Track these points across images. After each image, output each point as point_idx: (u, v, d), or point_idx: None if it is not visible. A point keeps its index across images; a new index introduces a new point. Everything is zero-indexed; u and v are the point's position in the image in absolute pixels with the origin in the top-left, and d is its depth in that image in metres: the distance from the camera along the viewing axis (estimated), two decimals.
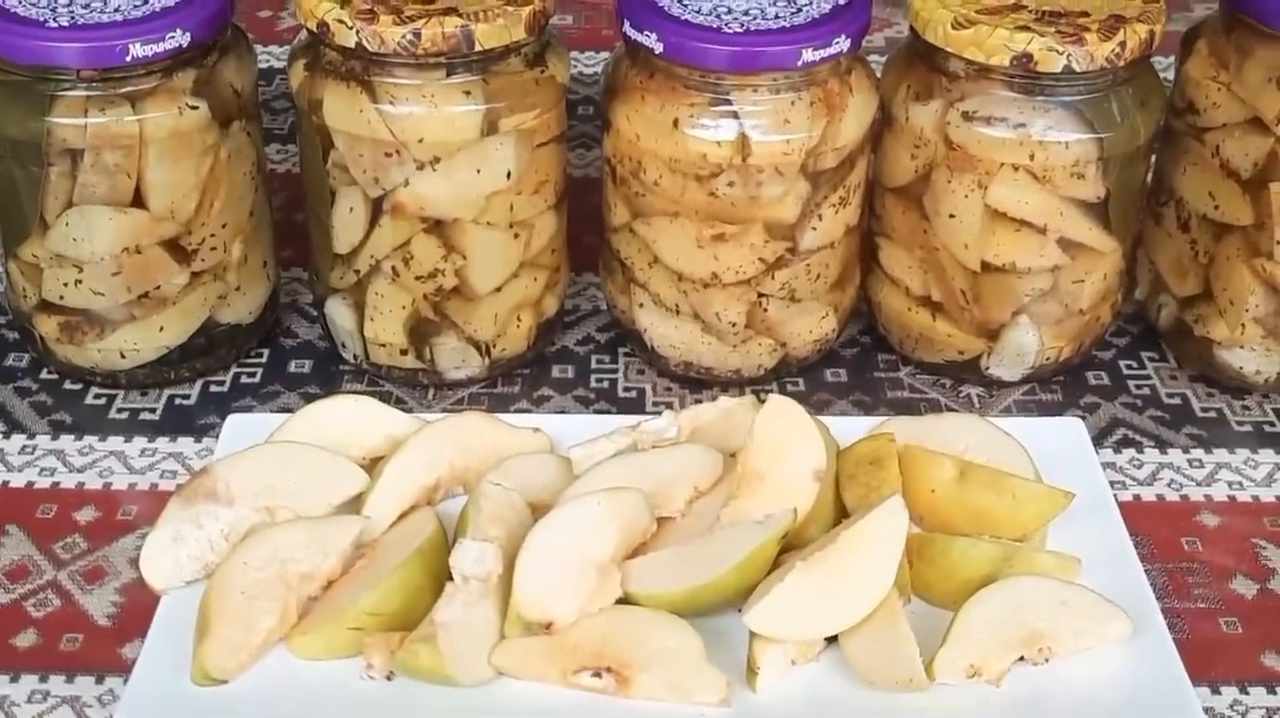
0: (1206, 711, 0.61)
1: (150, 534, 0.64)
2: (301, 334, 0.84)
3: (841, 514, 0.67)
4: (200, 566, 0.64)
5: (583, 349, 0.83)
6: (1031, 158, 0.72)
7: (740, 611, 0.61)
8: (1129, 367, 0.82)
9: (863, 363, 0.83)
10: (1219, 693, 0.62)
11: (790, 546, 0.63)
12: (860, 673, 0.60)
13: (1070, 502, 0.66)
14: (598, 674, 0.59)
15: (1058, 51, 0.70)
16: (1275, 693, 0.62)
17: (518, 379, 0.81)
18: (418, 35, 0.68)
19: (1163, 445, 0.76)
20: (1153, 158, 0.78)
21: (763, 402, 0.69)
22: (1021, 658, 0.60)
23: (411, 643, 0.58)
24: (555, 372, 0.81)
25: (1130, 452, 0.76)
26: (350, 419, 0.70)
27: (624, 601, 0.62)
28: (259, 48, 1.15)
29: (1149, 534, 0.70)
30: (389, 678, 0.60)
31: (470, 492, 0.68)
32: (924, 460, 0.68)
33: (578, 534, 0.62)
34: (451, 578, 0.61)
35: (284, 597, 0.62)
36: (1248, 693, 0.62)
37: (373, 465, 0.69)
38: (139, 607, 0.65)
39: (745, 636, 0.60)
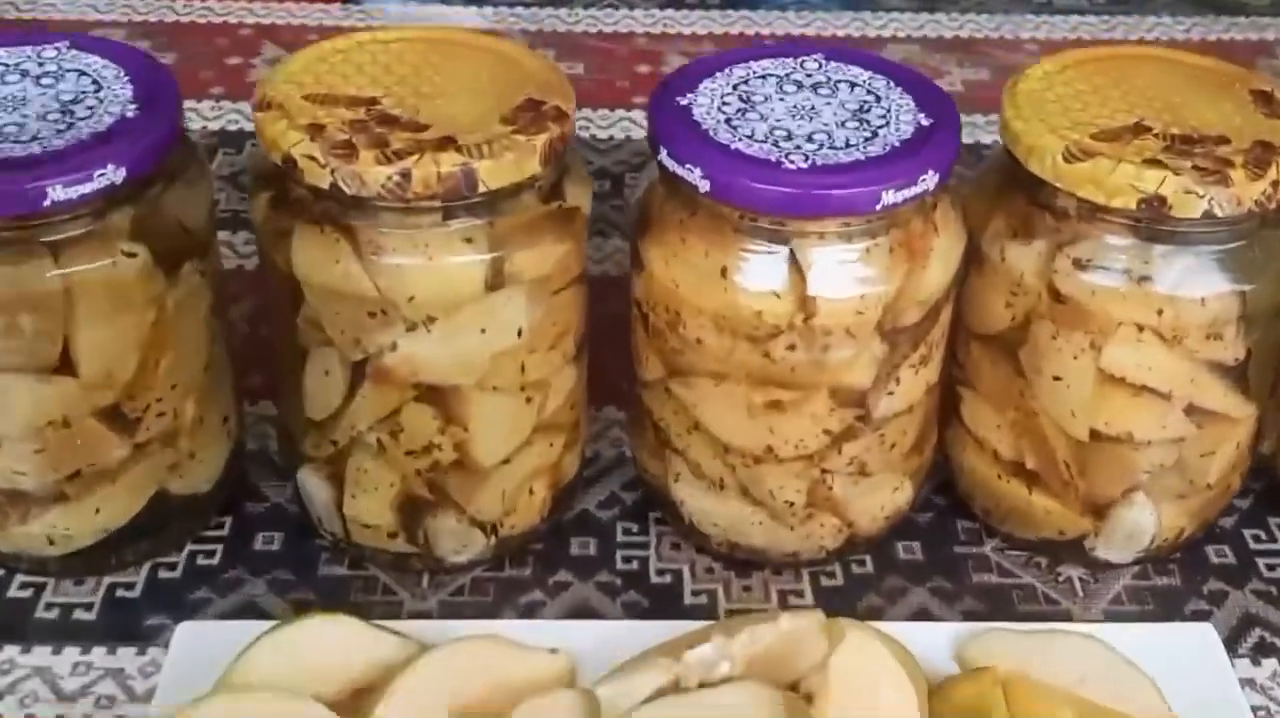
0: None
1: None
2: (271, 495, 0.70)
3: None
4: None
5: (605, 514, 0.70)
6: (1159, 316, 0.59)
7: None
8: (1256, 538, 0.69)
9: (940, 534, 0.69)
10: None
11: None
12: None
13: None
14: None
15: (1197, 194, 0.56)
16: None
17: (529, 559, 0.67)
18: (406, 176, 0.55)
19: None
20: None
21: (831, 617, 0.57)
22: None
23: None
24: (574, 547, 0.68)
25: (1271, 663, 0.63)
26: (325, 646, 0.57)
27: None
28: (226, 104, 1.03)
29: None
30: None
31: None
32: (1036, 706, 0.55)
33: None
34: None
35: None
36: None
37: (355, 700, 0.56)
38: None
39: None
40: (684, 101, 0.61)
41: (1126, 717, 0.55)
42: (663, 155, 0.59)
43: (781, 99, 0.61)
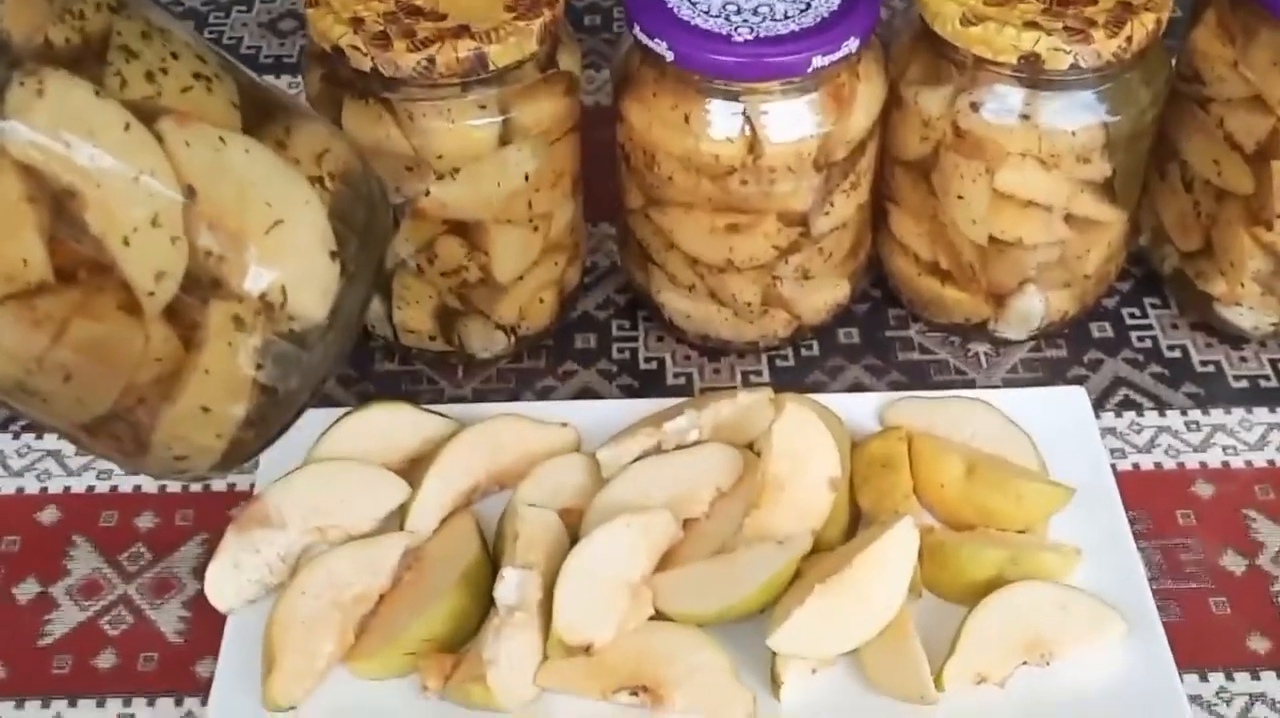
0: (1194, 699, 0.66)
1: (211, 563, 0.68)
2: None
3: (856, 514, 0.71)
4: (260, 586, 0.69)
5: (603, 314, 0.86)
6: (1039, 146, 0.73)
7: (762, 615, 0.66)
8: (1132, 315, 0.85)
9: (874, 321, 0.85)
10: (1206, 680, 0.67)
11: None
12: (876, 685, 0.65)
13: (1070, 497, 0.70)
14: (634, 693, 0.65)
15: (1064, 51, 0.70)
16: (1259, 678, 0.67)
17: (542, 352, 0.84)
18: (432, 61, 0.69)
19: (1162, 407, 0.80)
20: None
21: (779, 392, 0.73)
22: (1024, 662, 0.66)
23: (464, 682, 0.63)
24: (578, 342, 0.84)
25: (1130, 415, 0.79)
26: (387, 427, 0.74)
27: (656, 614, 0.67)
28: None
29: (1146, 509, 0.74)
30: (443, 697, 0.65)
31: (506, 486, 0.73)
32: (934, 456, 0.72)
33: (611, 559, 0.66)
34: (494, 600, 0.66)
35: (340, 621, 0.67)
36: (1233, 680, 0.67)
37: (412, 467, 0.73)
38: (207, 621, 0.70)
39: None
40: None
41: (1005, 467, 0.72)
42: (636, 30, 0.73)
43: None
